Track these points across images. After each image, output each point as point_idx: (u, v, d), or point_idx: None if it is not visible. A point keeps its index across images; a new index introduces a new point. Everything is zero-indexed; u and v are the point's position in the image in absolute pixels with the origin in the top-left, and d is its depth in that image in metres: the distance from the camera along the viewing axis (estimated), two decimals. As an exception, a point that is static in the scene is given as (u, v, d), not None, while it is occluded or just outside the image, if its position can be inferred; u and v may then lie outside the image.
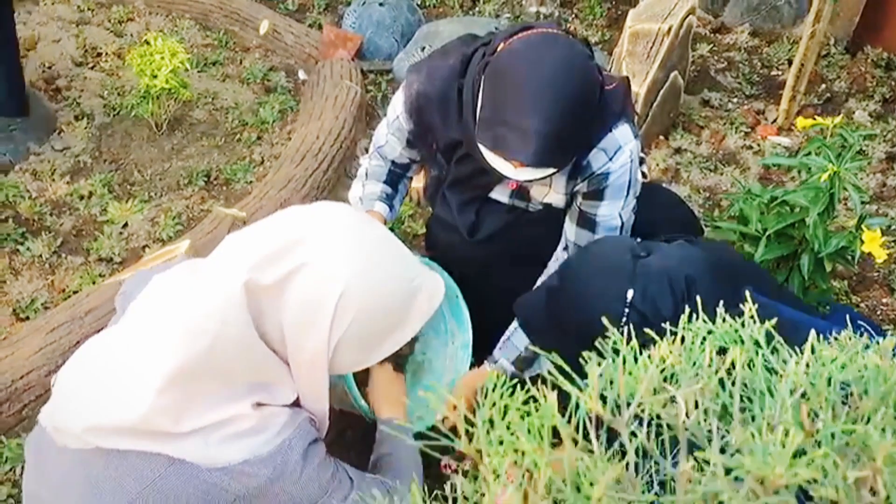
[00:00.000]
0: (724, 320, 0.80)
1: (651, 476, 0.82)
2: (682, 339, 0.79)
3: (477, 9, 3.90)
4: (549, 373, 0.74)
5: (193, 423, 1.14)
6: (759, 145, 3.11)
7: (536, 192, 1.84)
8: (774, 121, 3.21)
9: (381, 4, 3.55)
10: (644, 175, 1.87)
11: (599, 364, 0.73)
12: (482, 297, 1.93)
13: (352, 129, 2.98)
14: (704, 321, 0.81)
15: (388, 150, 1.94)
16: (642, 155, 1.88)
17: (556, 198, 1.82)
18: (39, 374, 2.02)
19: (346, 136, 2.92)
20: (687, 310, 0.84)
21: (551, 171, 1.54)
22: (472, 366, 1.92)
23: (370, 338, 1.22)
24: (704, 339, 0.79)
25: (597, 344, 0.79)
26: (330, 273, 1.15)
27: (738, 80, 3.50)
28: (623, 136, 1.68)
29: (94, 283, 2.33)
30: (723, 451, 0.68)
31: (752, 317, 0.80)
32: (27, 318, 2.25)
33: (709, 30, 3.82)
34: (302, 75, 3.41)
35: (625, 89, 1.73)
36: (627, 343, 0.75)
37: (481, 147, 1.55)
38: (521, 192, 1.85)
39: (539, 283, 1.88)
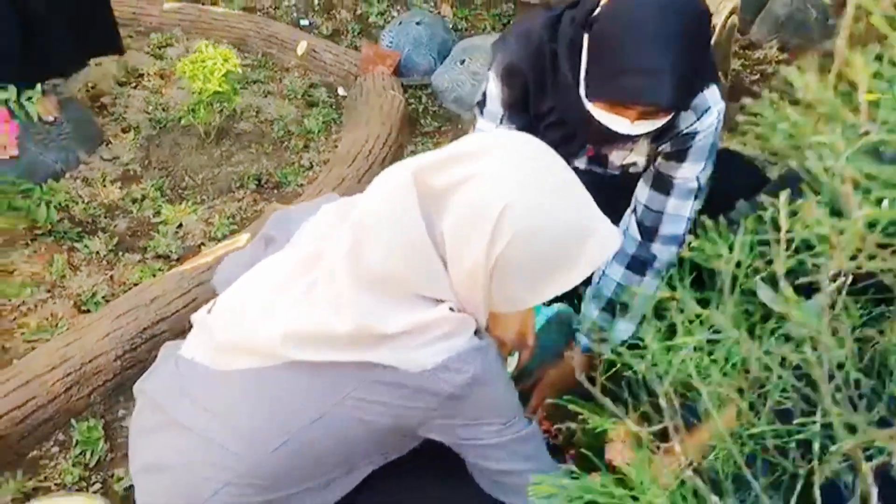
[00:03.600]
0: None
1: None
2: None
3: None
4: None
5: (398, 323, 1.10)
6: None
7: (616, 156, 1.83)
8: (815, 124, 3.23)
9: (417, 23, 3.60)
10: None
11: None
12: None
13: (398, 135, 2.99)
14: None
15: None
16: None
17: (638, 159, 1.81)
18: (108, 359, 1.98)
19: (394, 140, 2.94)
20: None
21: (667, 118, 1.54)
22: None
23: (532, 268, 1.14)
24: None
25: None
26: (497, 184, 1.10)
27: (772, 91, 3.53)
28: (712, 97, 1.68)
29: (153, 276, 2.30)
30: None
31: None
32: (88, 310, 2.22)
33: (738, 47, 3.87)
34: (342, 91, 3.45)
35: (712, 53, 1.74)
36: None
37: (592, 106, 1.54)
38: (599, 157, 1.85)
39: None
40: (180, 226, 2.59)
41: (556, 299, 1.75)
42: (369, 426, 1.14)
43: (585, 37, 1.55)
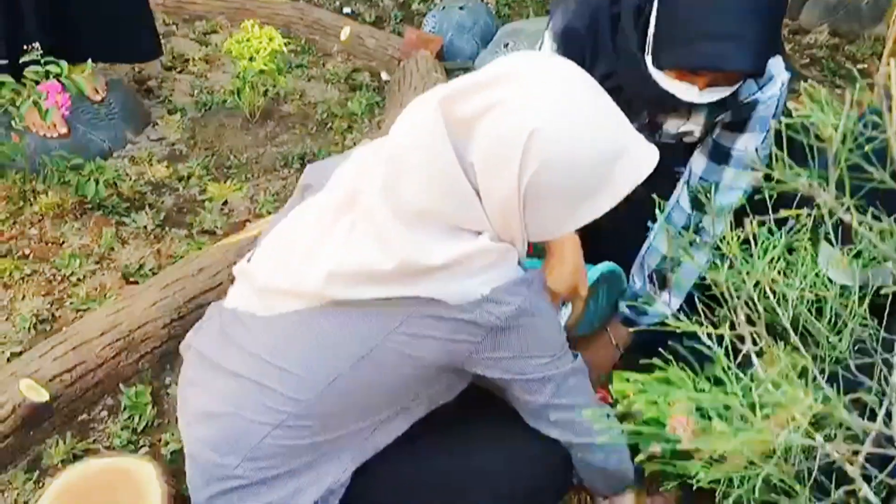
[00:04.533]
0: None
1: None
2: None
3: (552, 16, 3.93)
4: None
5: (441, 256, 1.08)
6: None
7: (671, 124, 1.79)
8: (868, 106, 3.15)
9: (461, 8, 3.59)
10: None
11: None
12: (595, 234, 1.87)
13: (442, 116, 2.97)
14: None
15: None
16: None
17: (694, 128, 1.77)
18: (156, 326, 1.99)
19: (438, 121, 2.92)
20: None
21: (736, 86, 1.50)
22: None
23: (565, 194, 1.11)
24: None
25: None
26: (524, 110, 1.07)
27: (825, 73, 3.46)
28: (776, 66, 1.63)
29: (199, 249, 2.31)
30: None
31: None
32: (136, 282, 2.23)
33: (787, 31, 3.80)
34: (385, 76, 3.44)
35: None
36: None
37: (658, 73, 1.51)
38: (653, 125, 1.81)
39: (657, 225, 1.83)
40: (225, 203, 2.60)
41: (608, 258, 1.74)
42: (417, 362, 1.12)
43: (655, 1, 1.52)
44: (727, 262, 0.72)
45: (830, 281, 1.03)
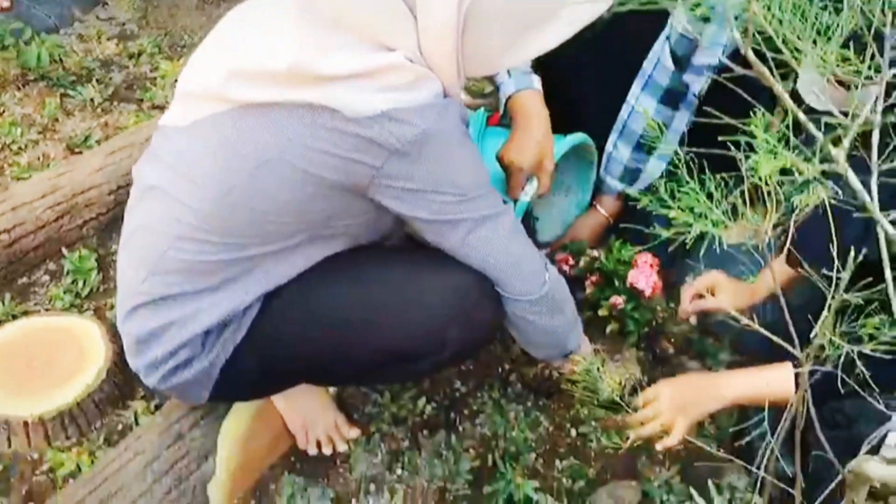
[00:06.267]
0: None
1: None
2: None
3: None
4: None
5: (343, 64, 0.99)
6: None
7: None
8: None
9: None
10: None
11: None
12: (573, 104, 1.80)
13: None
14: None
15: None
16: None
17: None
18: (101, 192, 1.89)
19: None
20: None
21: None
22: None
23: (507, 18, 1.04)
24: None
25: None
26: None
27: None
28: None
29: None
30: None
31: None
32: (81, 153, 2.12)
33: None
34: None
35: None
36: None
37: None
38: None
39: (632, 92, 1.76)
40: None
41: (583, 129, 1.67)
42: (317, 182, 1.04)
43: None
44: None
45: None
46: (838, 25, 0.72)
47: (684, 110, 1.73)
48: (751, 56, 0.66)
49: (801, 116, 0.67)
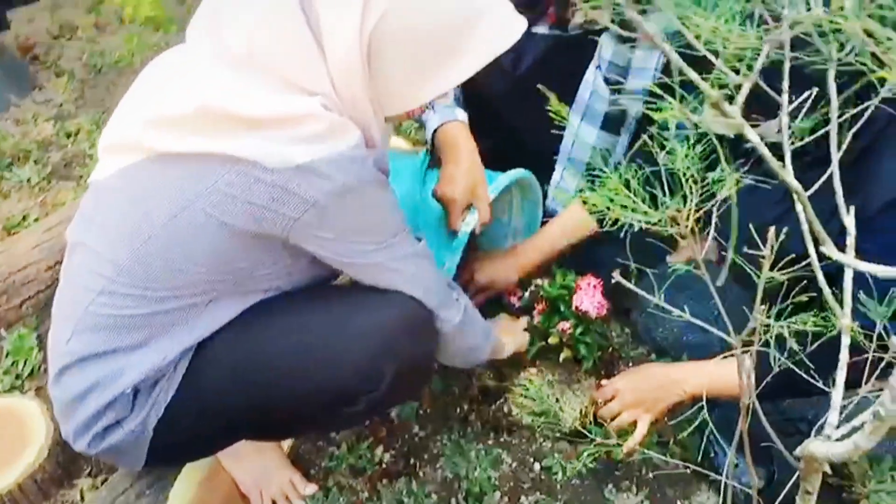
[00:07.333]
0: None
1: None
2: None
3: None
4: None
5: (256, 108, 0.97)
6: None
7: (578, 15, 1.74)
8: None
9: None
10: None
11: None
12: (517, 132, 1.82)
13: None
14: None
15: None
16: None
17: (602, 14, 1.72)
18: (38, 269, 1.84)
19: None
20: None
21: None
22: None
23: (413, 50, 1.03)
24: None
25: None
26: None
27: None
28: None
29: (89, 197, 2.17)
30: None
31: None
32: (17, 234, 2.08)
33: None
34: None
35: None
36: None
37: None
38: (560, 21, 1.76)
39: (572, 114, 1.78)
40: (118, 155, 2.45)
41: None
42: (234, 231, 1.01)
43: None
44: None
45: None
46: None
47: (625, 134, 1.75)
48: (675, 58, 0.65)
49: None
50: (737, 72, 0.59)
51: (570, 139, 1.78)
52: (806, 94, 0.75)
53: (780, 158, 0.71)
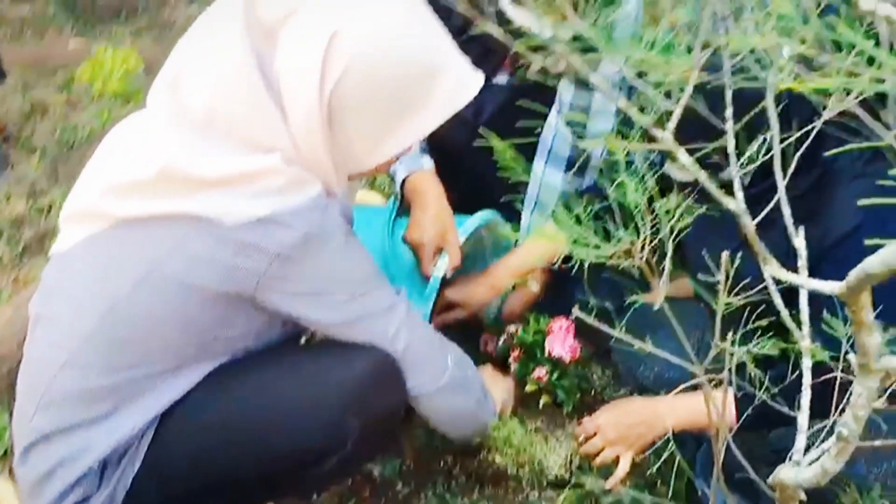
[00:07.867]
0: None
1: None
2: None
3: None
4: None
5: (215, 167, 0.98)
6: None
7: (537, 61, 1.77)
8: None
9: None
10: None
11: None
12: (480, 180, 1.83)
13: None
14: None
15: None
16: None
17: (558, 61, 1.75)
18: (10, 345, 1.81)
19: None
20: None
21: None
22: None
23: (373, 109, 1.04)
24: None
25: None
26: (325, 12, 1.00)
27: None
28: None
29: (62, 272, 2.16)
30: None
31: None
32: (-9, 312, 2.05)
33: None
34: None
35: None
36: None
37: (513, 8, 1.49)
38: (520, 68, 1.79)
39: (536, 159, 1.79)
40: (92, 228, 2.45)
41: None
42: (200, 292, 1.01)
43: None
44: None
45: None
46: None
47: (590, 175, 1.76)
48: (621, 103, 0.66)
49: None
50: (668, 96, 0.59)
51: (535, 185, 1.80)
52: (747, 118, 0.75)
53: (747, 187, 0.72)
